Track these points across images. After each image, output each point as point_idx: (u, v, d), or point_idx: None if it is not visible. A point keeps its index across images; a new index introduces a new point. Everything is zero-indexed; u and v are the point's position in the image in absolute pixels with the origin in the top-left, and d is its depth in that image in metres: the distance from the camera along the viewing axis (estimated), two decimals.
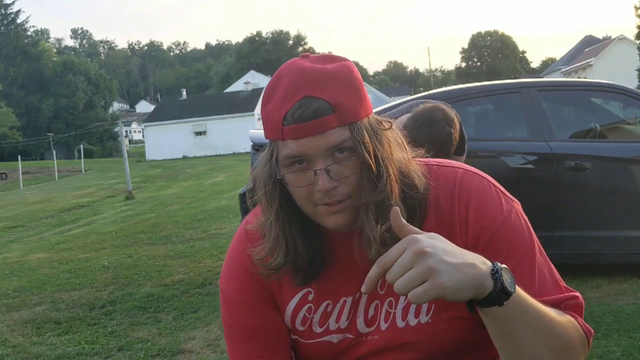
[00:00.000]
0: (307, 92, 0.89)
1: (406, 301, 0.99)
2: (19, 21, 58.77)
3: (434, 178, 1.00)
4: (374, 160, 0.90)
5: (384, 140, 0.93)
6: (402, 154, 0.97)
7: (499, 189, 1.01)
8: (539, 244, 1.00)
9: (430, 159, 1.05)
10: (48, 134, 46.47)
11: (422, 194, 0.97)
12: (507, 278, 0.83)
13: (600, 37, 52.75)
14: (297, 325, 1.06)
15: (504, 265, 0.84)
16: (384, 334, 1.02)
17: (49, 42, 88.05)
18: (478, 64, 77.61)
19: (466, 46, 79.51)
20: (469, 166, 1.05)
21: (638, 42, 36.21)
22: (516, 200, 1.01)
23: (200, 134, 41.60)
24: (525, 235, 0.97)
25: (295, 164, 0.92)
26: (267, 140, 0.97)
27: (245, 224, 1.08)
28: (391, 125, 0.97)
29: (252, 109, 41.18)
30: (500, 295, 0.82)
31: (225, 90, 54.78)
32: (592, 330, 0.96)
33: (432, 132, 2.35)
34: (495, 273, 0.82)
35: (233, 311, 1.07)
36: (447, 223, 0.98)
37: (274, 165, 0.93)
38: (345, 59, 0.95)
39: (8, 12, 58.04)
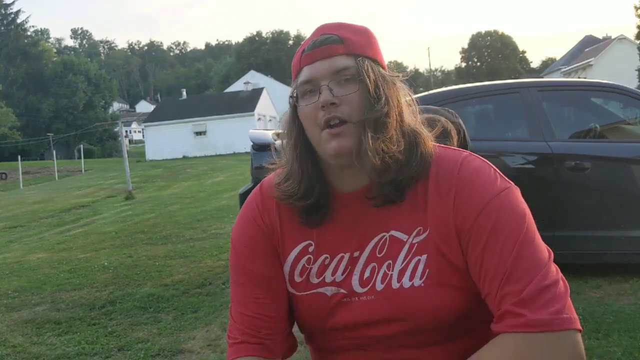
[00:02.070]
0: (323, 32, 1.08)
1: (403, 264, 1.04)
2: (19, 21, 58.73)
3: (440, 154, 1.07)
4: (374, 87, 1.02)
5: (390, 82, 1.05)
6: (409, 110, 1.08)
7: (498, 172, 1.05)
8: (534, 229, 0.99)
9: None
10: (48, 134, 46.46)
11: (425, 146, 1.05)
12: None
13: (600, 37, 52.75)
14: (295, 276, 1.11)
15: None
16: (379, 294, 1.05)
17: (49, 42, 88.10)
18: (478, 64, 77.61)
19: (466, 46, 79.54)
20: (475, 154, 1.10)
21: (638, 42, 36.21)
22: (514, 185, 1.03)
23: (200, 134, 41.60)
24: (514, 214, 0.98)
25: (308, 93, 1.05)
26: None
27: (261, 182, 1.18)
28: (400, 77, 1.08)
29: (252, 109, 41.19)
30: None
31: (225, 90, 54.77)
32: (567, 318, 0.90)
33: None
34: None
35: (238, 255, 1.15)
36: (444, 194, 1.02)
37: (293, 101, 1.08)
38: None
39: (8, 12, 57.99)
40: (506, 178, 1.04)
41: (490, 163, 1.07)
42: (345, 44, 1.04)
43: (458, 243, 1.01)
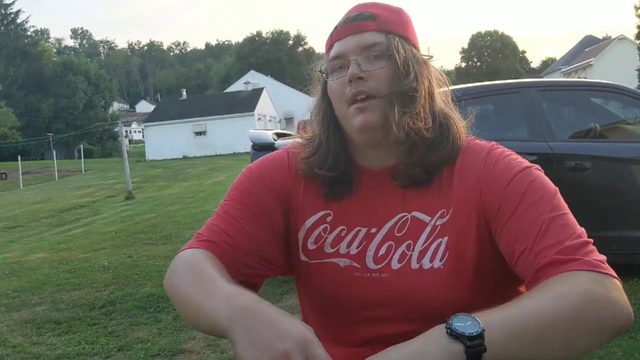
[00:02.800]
0: (357, 9, 1.07)
1: (424, 245, 1.02)
2: (19, 21, 58.74)
3: (469, 141, 1.07)
4: (403, 63, 1.01)
5: (421, 62, 1.05)
6: (440, 93, 1.06)
7: (524, 160, 1.04)
8: (561, 200, 0.97)
9: None
10: (48, 134, 46.44)
11: (457, 130, 1.04)
12: (463, 325, 0.77)
13: (600, 37, 52.80)
14: (309, 244, 1.09)
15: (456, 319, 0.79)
16: (394, 272, 1.03)
17: (49, 42, 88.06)
18: (478, 64, 77.65)
19: (466, 46, 79.61)
20: None
21: (638, 42, 36.25)
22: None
23: (200, 134, 41.60)
24: (547, 185, 0.97)
25: (337, 69, 1.05)
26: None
27: (286, 147, 1.18)
28: (432, 57, 1.08)
29: (252, 109, 41.18)
30: (475, 349, 0.76)
31: (225, 90, 54.72)
32: (611, 271, 0.87)
33: None
34: (451, 334, 0.77)
35: (247, 178, 1.12)
36: (471, 174, 1.01)
37: (323, 79, 1.08)
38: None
39: (8, 12, 58.00)
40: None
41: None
42: (378, 21, 1.04)
43: (484, 220, 0.98)
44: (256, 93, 44.06)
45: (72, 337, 3.78)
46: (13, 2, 58.47)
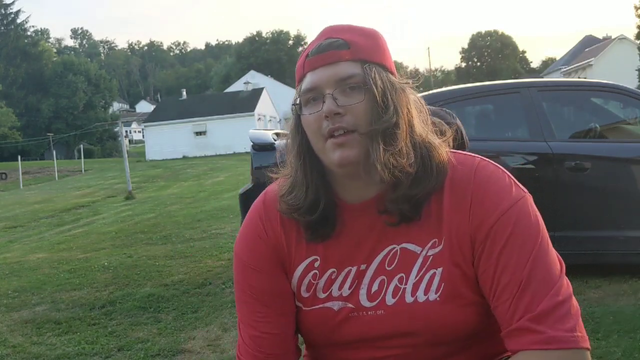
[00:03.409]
0: (329, 35, 1.01)
1: (417, 277, 1.01)
2: (19, 21, 58.69)
3: (454, 160, 1.03)
4: (381, 96, 0.96)
5: (399, 90, 1.00)
6: (420, 118, 1.02)
7: (513, 179, 1.03)
8: (547, 239, 0.98)
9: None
10: (48, 134, 46.43)
11: (439, 158, 1.01)
12: None
13: (600, 37, 52.76)
14: (302, 292, 1.08)
15: None
16: (390, 308, 1.02)
17: (49, 42, 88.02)
18: (478, 64, 77.60)
19: (466, 46, 79.55)
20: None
21: (638, 42, 36.24)
22: (529, 193, 1.02)
23: (200, 134, 41.59)
24: (531, 224, 0.97)
25: (311, 101, 0.99)
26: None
27: (265, 192, 1.14)
28: (410, 83, 1.03)
29: (252, 109, 41.16)
30: None
31: (225, 90, 54.71)
32: (582, 342, 0.92)
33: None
34: None
35: (243, 273, 1.10)
36: (460, 203, 1.00)
37: (297, 109, 1.03)
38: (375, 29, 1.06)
39: (8, 12, 57.96)
40: (520, 185, 1.02)
41: (504, 169, 1.04)
42: (352, 49, 0.98)
43: (472, 252, 0.99)
44: (256, 93, 44.05)
45: (72, 337, 3.78)
46: (13, 2, 58.45)
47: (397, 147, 0.96)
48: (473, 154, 1.07)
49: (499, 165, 1.05)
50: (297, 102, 1.02)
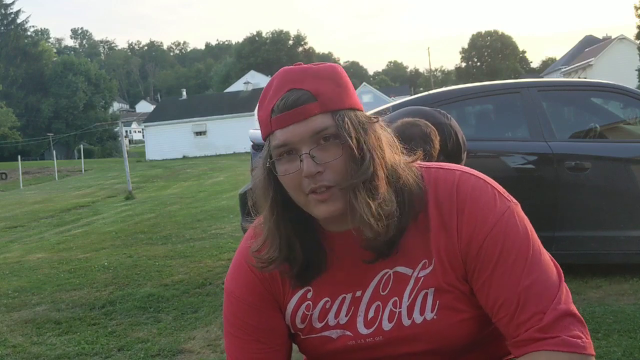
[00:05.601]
0: (290, 85, 0.96)
1: (410, 300, 1.00)
2: (19, 21, 58.76)
3: (433, 178, 1.02)
4: (357, 146, 0.93)
5: (370, 131, 0.97)
6: (392, 151, 1.00)
7: (497, 189, 1.01)
8: (540, 246, 0.98)
9: (431, 162, 1.07)
10: (48, 134, 46.42)
11: (416, 188, 0.99)
12: None
13: (600, 37, 52.73)
14: (297, 323, 1.08)
15: None
16: (387, 334, 1.02)
17: (49, 42, 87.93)
18: (478, 64, 77.57)
19: (466, 46, 79.49)
20: (468, 168, 1.05)
21: (638, 42, 36.24)
22: (514, 201, 1.01)
23: (200, 134, 41.60)
24: (520, 236, 0.96)
25: (284, 155, 0.96)
26: None
27: (253, 227, 1.11)
28: (378, 120, 1.00)
29: (252, 109, 41.14)
30: None
31: (225, 90, 54.77)
32: (587, 348, 0.95)
33: (406, 150, 2.23)
34: None
35: (235, 308, 1.09)
36: (447, 222, 0.99)
37: (267, 161, 0.99)
38: (332, 63, 1.01)
39: (8, 12, 58.00)
40: (505, 194, 1.01)
41: (485, 178, 1.03)
42: (320, 101, 0.95)
43: (464, 269, 0.98)
44: (256, 93, 44.03)
45: (72, 337, 3.78)
46: (13, 2, 58.50)
47: (381, 196, 0.94)
48: (452, 167, 1.04)
49: (479, 174, 1.03)
50: (270, 157, 0.98)
